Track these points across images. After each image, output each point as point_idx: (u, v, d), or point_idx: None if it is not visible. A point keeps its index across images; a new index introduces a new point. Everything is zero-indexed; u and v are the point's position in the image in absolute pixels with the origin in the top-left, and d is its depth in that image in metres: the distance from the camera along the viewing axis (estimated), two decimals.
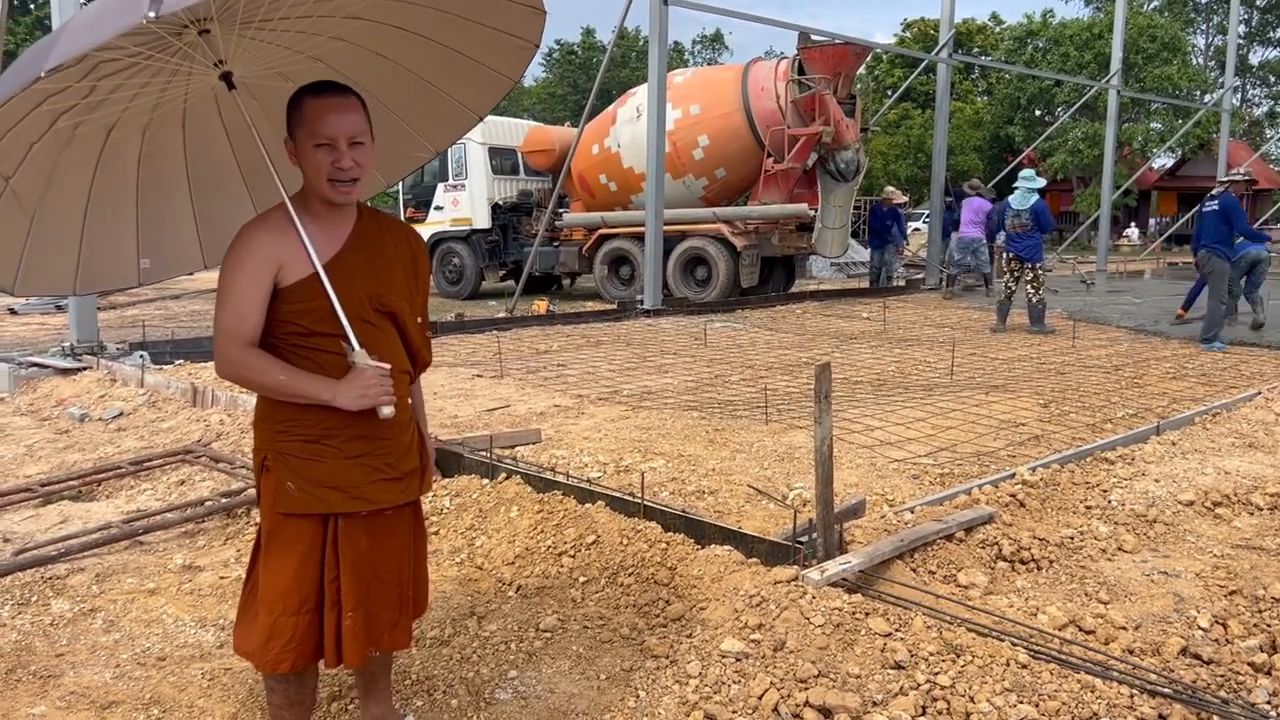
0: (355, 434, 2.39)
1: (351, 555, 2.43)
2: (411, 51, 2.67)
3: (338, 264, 2.37)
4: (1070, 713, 2.77)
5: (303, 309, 2.34)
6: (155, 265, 2.90)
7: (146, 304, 16.62)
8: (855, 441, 5.77)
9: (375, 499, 2.45)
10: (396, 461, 2.48)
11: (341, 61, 2.63)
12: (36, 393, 7.76)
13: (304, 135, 2.32)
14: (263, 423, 2.45)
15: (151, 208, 2.78)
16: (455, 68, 2.73)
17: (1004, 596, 3.59)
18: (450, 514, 4.51)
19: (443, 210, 18.65)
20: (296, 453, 2.38)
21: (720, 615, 3.29)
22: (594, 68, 51.96)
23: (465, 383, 7.81)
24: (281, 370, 2.32)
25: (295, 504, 2.39)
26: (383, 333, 2.45)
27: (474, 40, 2.65)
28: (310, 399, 2.33)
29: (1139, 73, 35.96)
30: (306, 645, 2.44)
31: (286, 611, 2.41)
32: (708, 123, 15.90)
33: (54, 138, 2.42)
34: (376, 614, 2.48)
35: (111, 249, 2.77)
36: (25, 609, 3.74)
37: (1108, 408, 6.92)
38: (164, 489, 5.31)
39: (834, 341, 10.87)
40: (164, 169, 2.75)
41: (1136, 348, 10.39)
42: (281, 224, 2.35)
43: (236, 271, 2.32)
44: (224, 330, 2.32)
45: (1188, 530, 4.34)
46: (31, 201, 2.51)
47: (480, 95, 2.88)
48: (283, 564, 2.41)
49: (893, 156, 40.51)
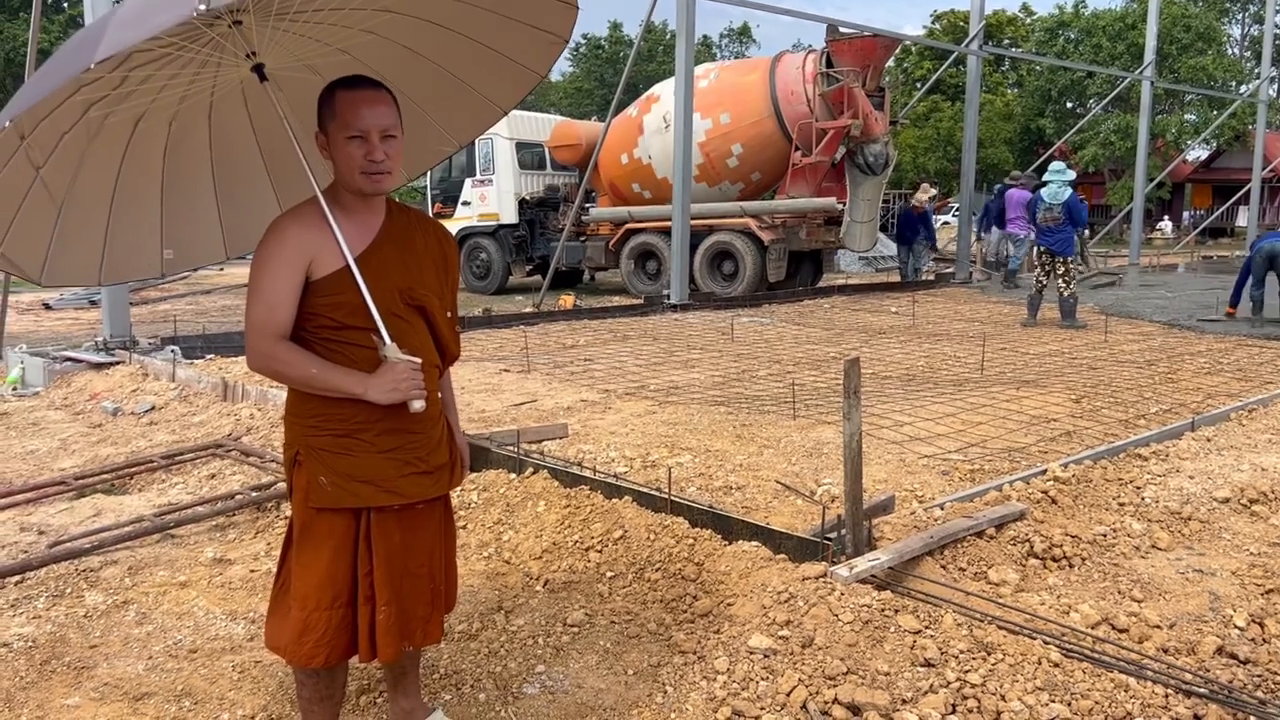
0: (387, 428, 2.39)
1: (384, 549, 2.43)
2: (440, 45, 2.67)
3: (369, 257, 2.37)
4: (1103, 712, 2.74)
5: (334, 302, 2.34)
6: (178, 256, 2.90)
7: (178, 299, 16.80)
8: (884, 437, 5.73)
9: (408, 493, 2.45)
10: (428, 455, 2.49)
11: (369, 54, 2.63)
12: (70, 387, 7.86)
13: (336, 127, 2.33)
14: (294, 417, 2.45)
15: (175, 199, 2.79)
16: (483, 61, 2.72)
17: (1036, 594, 3.55)
18: (478, 508, 4.52)
19: (470, 205, 18.72)
20: (328, 447, 2.38)
21: (748, 611, 3.28)
22: (621, 62, 51.94)
23: (492, 377, 7.82)
24: (313, 363, 2.32)
25: (328, 498, 2.39)
26: (413, 327, 2.45)
27: (503, 34, 2.64)
28: (342, 393, 2.33)
29: (1173, 63, 35.50)
30: (340, 640, 2.44)
31: (320, 606, 2.41)
32: (740, 132, 15.90)
33: (84, 128, 2.42)
34: (410, 609, 2.49)
35: (135, 240, 2.78)
36: (60, 601, 3.79)
37: (1141, 403, 6.83)
38: (195, 483, 5.36)
39: (862, 336, 10.81)
40: (189, 160, 2.75)
41: (1170, 342, 10.25)
42: (314, 217, 2.35)
43: (268, 264, 2.32)
44: (255, 323, 2.32)
45: (1223, 528, 4.28)
46: (60, 192, 2.52)
47: (507, 89, 2.87)
48: (316, 558, 2.42)
49: (922, 149, 40.22)
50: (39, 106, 2.10)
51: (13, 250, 2.54)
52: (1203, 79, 35.44)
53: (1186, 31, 36.30)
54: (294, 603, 2.44)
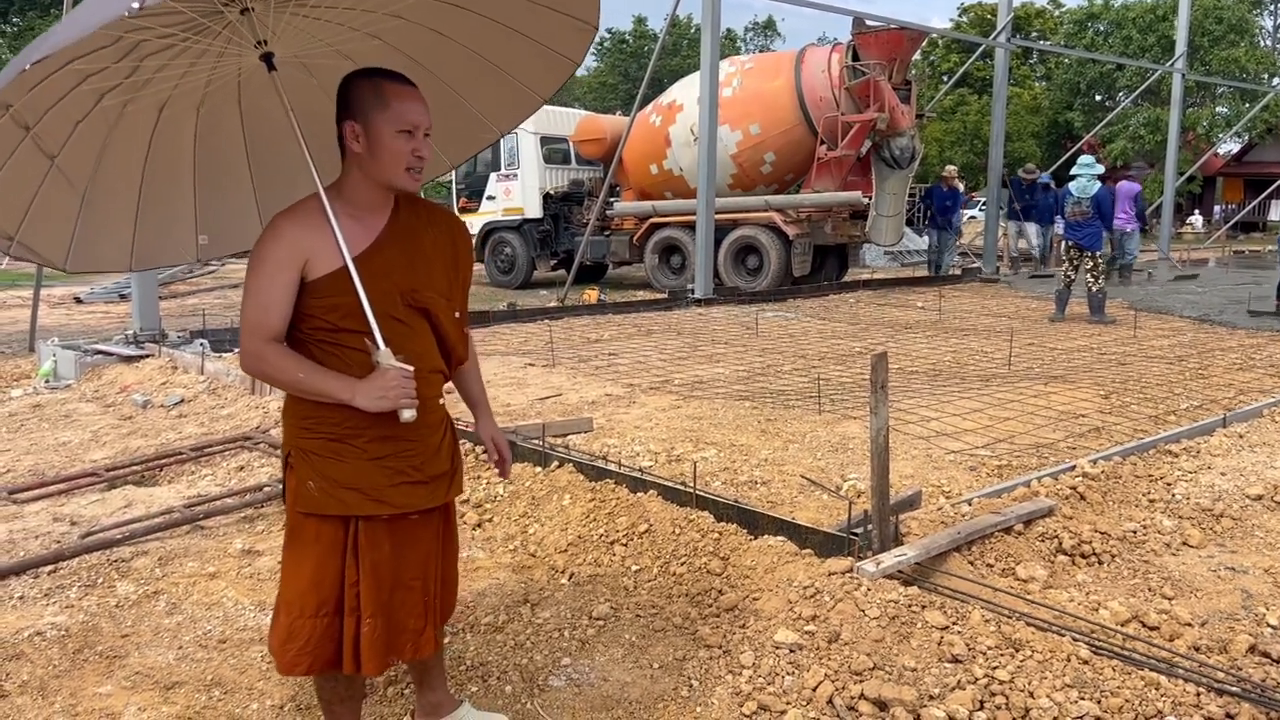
0: (379, 434, 2.32)
1: (371, 559, 2.35)
2: (470, 30, 2.60)
3: (370, 258, 2.29)
4: (1134, 710, 2.71)
5: (329, 304, 2.26)
6: (213, 242, 2.87)
7: (206, 293, 16.95)
8: (910, 432, 5.70)
9: (397, 503, 2.36)
10: (423, 464, 2.40)
11: (401, 39, 2.57)
12: (101, 379, 7.94)
13: (386, 119, 2.25)
14: (288, 418, 2.39)
15: (209, 184, 2.76)
16: (516, 48, 2.66)
17: (1064, 591, 3.52)
18: (503, 501, 4.54)
19: (495, 200, 18.76)
20: (318, 450, 2.32)
21: (774, 606, 3.27)
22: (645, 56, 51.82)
23: (518, 371, 7.84)
24: (301, 367, 2.25)
25: (314, 503, 2.32)
26: (414, 330, 2.37)
27: (533, 19, 2.58)
28: (329, 398, 2.26)
29: (1204, 55, 34.99)
30: (324, 649, 2.36)
31: (304, 613, 2.34)
32: (771, 141, 15.88)
33: (101, 116, 2.38)
34: (400, 621, 2.41)
35: (168, 225, 2.75)
36: (92, 590, 3.84)
37: (1171, 399, 6.76)
38: (223, 474, 5.41)
39: (888, 331, 10.75)
40: (222, 145, 2.72)
41: (1201, 338, 10.14)
42: (312, 214, 2.27)
43: (263, 264, 2.25)
44: (247, 323, 2.26)
45: (1256, 525, 4.22)
46: (82, 180, 2.49)
47: (543, 77, 2.80)
48: (301, 564, 2.36)
49: (948, 143, 39.88)
50: (74, 46, 2.00)
51: (31, 237, 2.51)
52: (1235, 71, 34.93)
53: (1218, 23, 35.78)
54: (280, 607, 2.39)
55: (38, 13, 38.03)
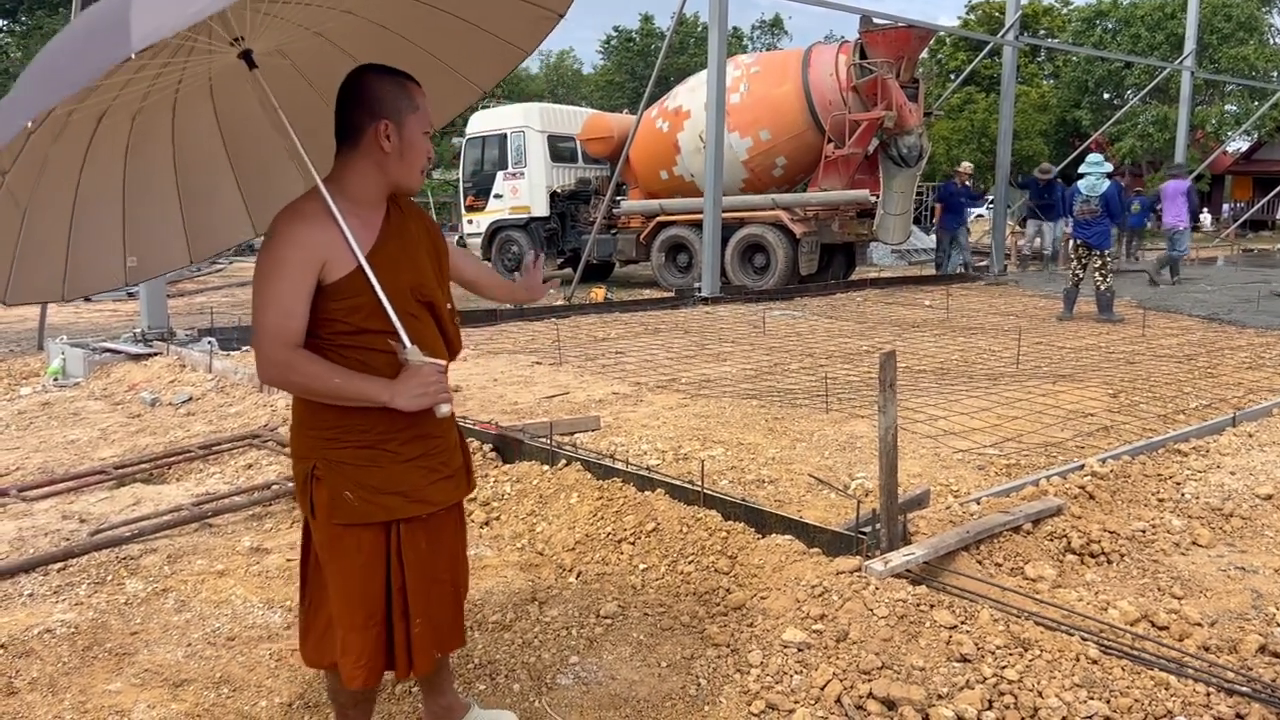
0: (411, 435, 2.30)
1: (414, 560, 2.35)
2: (423, 19, 2.51)
3: (378, 255, 2.25)
4: (1143, 710, 2.71)
5: (351, 305, 2.22)
6: (141, 264, 2.69)
7: (214, 291, 16.99)
8: (918, 431, 5.69)
9: (437, 500, 2.38)
10: (449, 460, 2.42)
11: (375, 10, 2.49)
12: (109, 377, 7.97)
13: (417, 120, 2.26)
14: (305, 430, 2.32)
15: (137, 201, 2.58)
16: (493, 4, 2.57)
17: (1073, 590, 3.51)
18: (511, 500, 4.54)
19: (502, 198, 18.77)
20: (351, 460, 2.26)
21: (782, 605, 3.27)
22: (652, 55, 51.82)
23: (525, 370, 7.85)
24: (334, 373, 2.19)
25: (355, 514, 2.27)
26: (424, 324, 2.35)
27: None
28: (368, 401, 2.20)
29: (1213, 53, 34.85)
30: (379, 659, 2.36)
31: (354, 627, 2.32)
32: (782, 146, 15.91)
33: (49, 127, 2.19)
34: (439, 616, 2.42)
35: (98, 247, 2.56)
36: (101, 588, 3.85)
37: (1180, 398, 6.73)
38: (232, 472, 5.42)
39: (895, 329, 10.73)
40: (151, 159, 2.56)
41: (1210, 336, 10.10)
42: (320, 215, 2.20)
43: (280, 268, 2.17)
44: (269, 331, 2.16)
45: (1266, 525, 4.21)
46: (24, 199, 2.29)
47: (523, 31, 2.72)
48: (348, 578, 2.32)
49: (956, 141, 39.76)
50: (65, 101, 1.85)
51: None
52: (1244, 69, 34.77)
53: (1227, 21, 35.62)
54: (337, 622, 2.35)
55: (46, 11, 38.13)
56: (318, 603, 2.43)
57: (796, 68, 15.65)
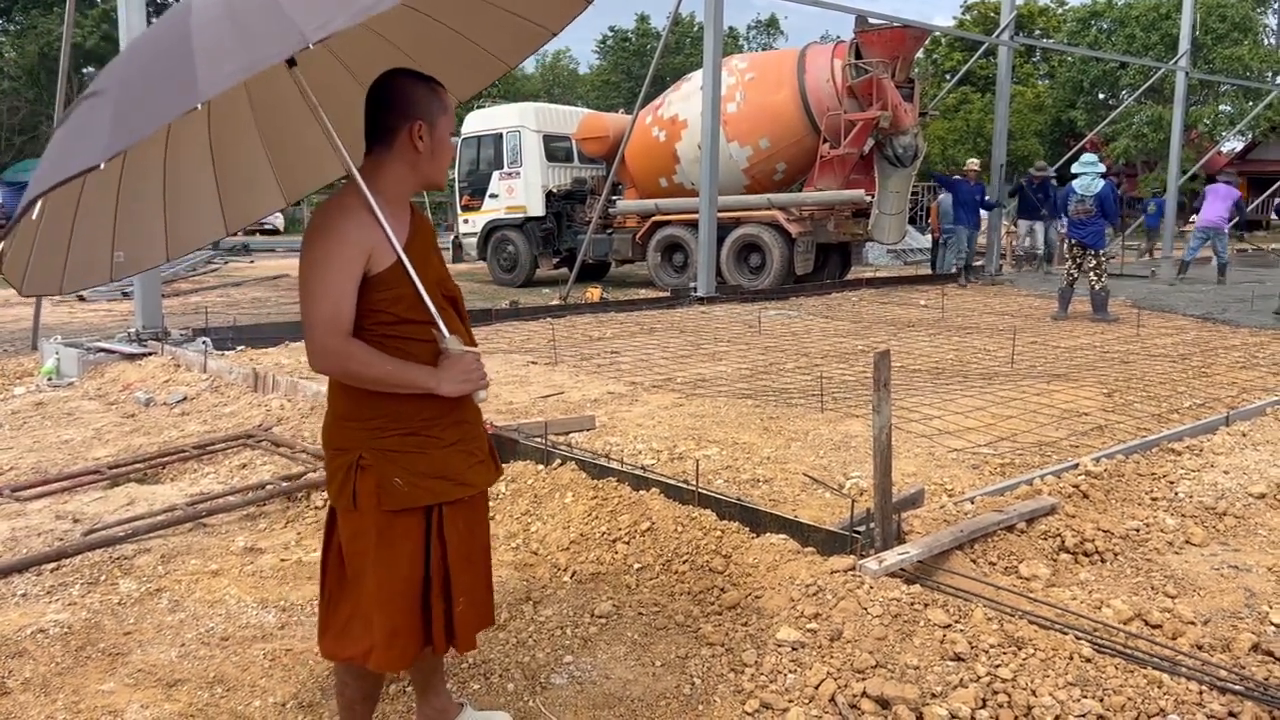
0: (452, 420, 2.40)
1: (456, 541, 2.44)
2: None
3: (410, 251, 2.35)
4: (1137, 708, 2.71)
5: (394, 296, 2.31)
6: (128, 259, 2.76)
7: (209, 291, 16.96)
8: (913, 430, 5.70)
9: (477, 482, 2.49)
10: (481, 444, 2.53)
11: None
12: (104, 377, 7.95)
13: (445, 123, 2.37)
14: (349, 423, 2.38)
15: (130, 197, 2.66)
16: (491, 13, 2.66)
17: (1067, 589, 3.52)
18: (506, 499, 4.54)
19: (497, 198, 18.77)
20: (398, 447, 2.35)
21: (776, 604, 3.27)
22: (648, 54, 51.78)
23: (520, 369, 7.84)
24: (387, 361, 2.28)
25: (404, 498, 2.35)
26: (450, 317, 2.45)
27: None
28: (416, 388, 2.31)
29: (1208, 54, 34.90)
30: (417, 640, 2.44)
31: (402, 610, 2.39)
32: (781, 152, 15.98)
33: None
34: (474, 596, 2.52)
35: (93, 242, 2.65)
36: (95, 588, 3.84)
37: (1174, 397, 6.75)
38: (226, 472, 5.41)
39: (891, 329, 10.74)
40: (145, 156, 2.63)
41: (1204, 336, 10.12)
42: (363, 209, 2.30)
43: (331, 260, 2.26)
44: (322, 321, 2.24)
45: (1259, 524, 4.22)
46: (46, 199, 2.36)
47: (552, 13, 2.82)
48: (395, 562, 2.38)
49: (951, 141, 39.83)
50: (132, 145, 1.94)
51: (12, 259, 2.41)
52: (1238, 69, 34.84)
53: (1222, 21, 35.69)
54: (376, 610, 2.38)
55: (40, 11, 38.03)
56: (338, 597, 2.47)
57: (792, 72, 15.62)
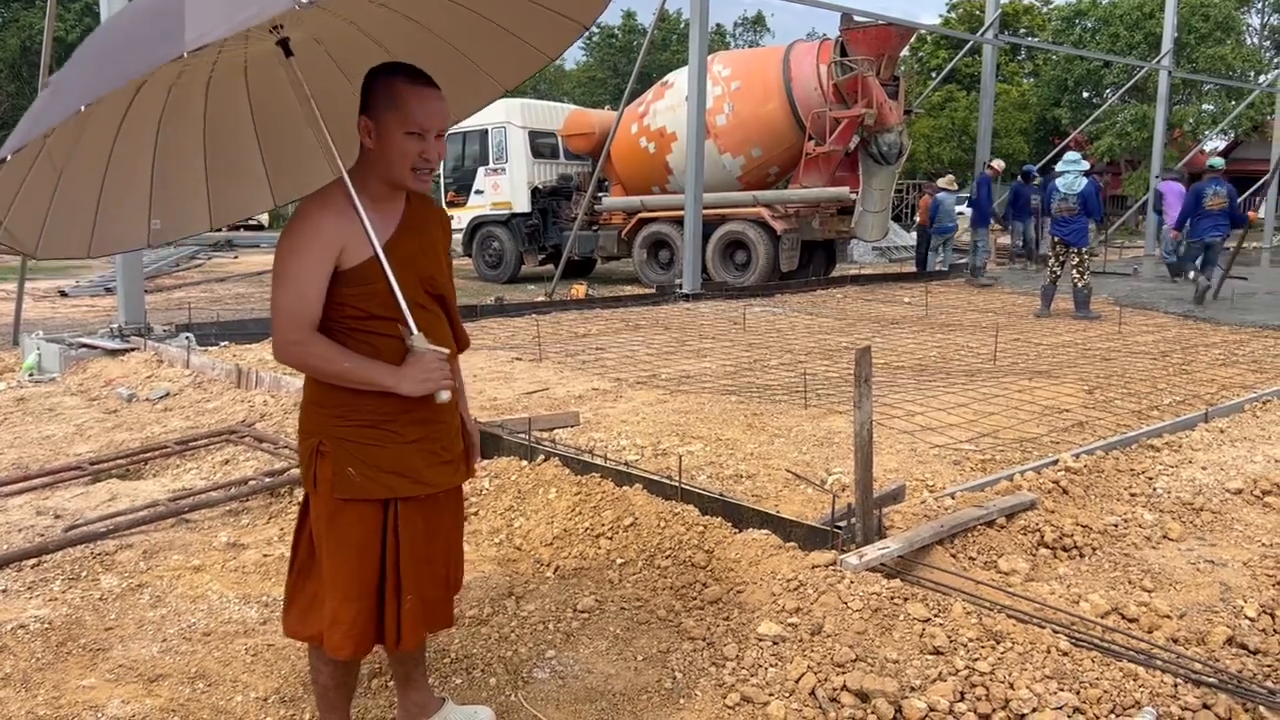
0: (413, 419, 2.39)
1: (409, 538, 2.43)
2: (446, 15, 2.60)
3: (395, 246, 2.35)
4: (1112, 701, 2.74)
5: (364, 292, 2.31)
6: (165, 226, 2.81)
7: (192, 286, 16.88)
8: (896, 426, 5.73)
9: (435, 482, 2.46)
10: (449, 445, 2.50)
11: (406, 4, 2.57)
12: (86, 373, 7.91)
13: (396, 120, 2.28)
14: (315, 407, 2.41)
15: (166, 167, 2.70)
16: (522, 10, 2.66)
17: (1046, 584, 3.55)
18: (489, 495, 4.54)
19: (483, 194, 18.75)
20: (355, 438, 2.36)
21: (758, 599, 3.29)
22: (634, 51, 51.74)
23: (504, 365, 7.84)
24: (346, 356, 2.30)
25: (357, 489, 2.36)
26: (435, 316, 2.46)
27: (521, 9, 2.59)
28: (374, 385, 2.31)
29: (1191, 53, 35.12)
30: (366, 633, 2.43)
31: (348, 597, 2.39)
32: (774, 158, 16.18)
33: None
34: (429, 595, 2.49)
35: (125, 208, 2.70)
36: (75, 584, 3.83)
37: (1154, 394, 6.81)
38: (209, 468, 5.40)
39: (875, 326, 10.78)
40: (182, 130, 2.68)
41: (1185, 334, 10.20)
42: (343, 204, 2.29)
43: (300, 253, 2.27)
44: (286, 313, 2.27)
45: (1236, 519, 4.26)
46: (61, 160, 2.43)
47: (549, 38, 2.82)
48: (344, 550, 2.39)
49: (936, 139, 39.96)
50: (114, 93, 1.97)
51: (15, 223, 2.45)
52: (1221, 69, 35.07)
53: (1205, 21, 35.92)
54: (328, 593, 2.42)
55: (22, 4, 37.74)
56: (305, 575, 2.50)
57: (779, 80, 15.59)
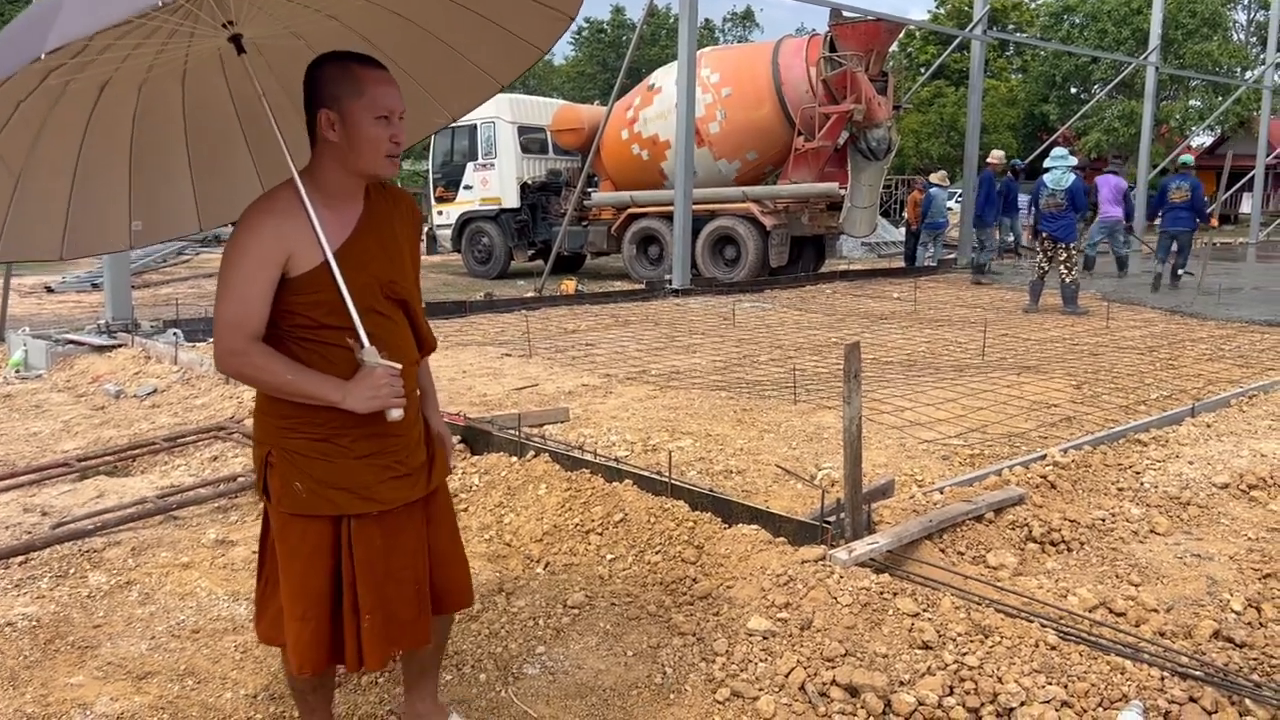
0: (364, 433, 2.26)
1: (365, 556, 2.30)
2: (433, 14, 2.51)
3: (349, 250, 2.22)
4: (1099, 694, 2.76)
5: (313, 300, 2.19)
6: (147, 228, 2.71)
7: (180, 282, 16.80)
8: (884, 422, 5.74)
9: (387, 499, 2.32)
10: (406, 458, 2.36)
11: (359, 21, 2.48)
12: (73, 369, 7.87)
13: (362, 106, 2.17)
14: (265, 416, 2.30)
15: (145, 168, 2.61)
16: (481, 33, 2.57)
17: (1034, 578, 3.57)
18: (479, 491, 4.54)
19: (472, 189, 18.70)
20: (303, 451, 2.25)
21: (747, 594, 3.30)
22: (623, 46, 51.68)
23: (494, 361, 7.83)
24: (288, 369, 2.18)
25: (303, 504, 2.26)
26: (394, 322, 2.33)
27: (504, 5, 2.51)
28: (319, 400, 2.19)
29: (1178, 49, 35.29)
30: (315, 653, 2.32)
31: (293, 616, 2.30)
32: (769, 159, 16.27)
33: (43, 95, 2.22)
34: (395, 613, 2.36)
35: (100, 211, 2.59)
36: (63, 581, 3.81)
37: (1141, 389, 6.84)
38: (197, 465, 5.38)
39: (864, 322, 10.81)
40: (160, 128, 2.58)
41: (1172, 329, 10.25)
42: (291, 206, 2.17)
43: (243, 258, 2.16)
44: (227, 322, 2.16)
45: (1222, 513, 4.29)
46: (18, 162, 2.34)
47: (505, 63, 2.72)
48: (290, 566, 2.30)
49: (925, 135, 40.06)
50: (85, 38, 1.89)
51: None
52: (1208, 65, 35.22)
53: (1192, 17, 36.09)
54: (284, 606, 2.33)
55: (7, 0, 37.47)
56: (274, 582, 2.40)
57: (769, 83, 15.54)
